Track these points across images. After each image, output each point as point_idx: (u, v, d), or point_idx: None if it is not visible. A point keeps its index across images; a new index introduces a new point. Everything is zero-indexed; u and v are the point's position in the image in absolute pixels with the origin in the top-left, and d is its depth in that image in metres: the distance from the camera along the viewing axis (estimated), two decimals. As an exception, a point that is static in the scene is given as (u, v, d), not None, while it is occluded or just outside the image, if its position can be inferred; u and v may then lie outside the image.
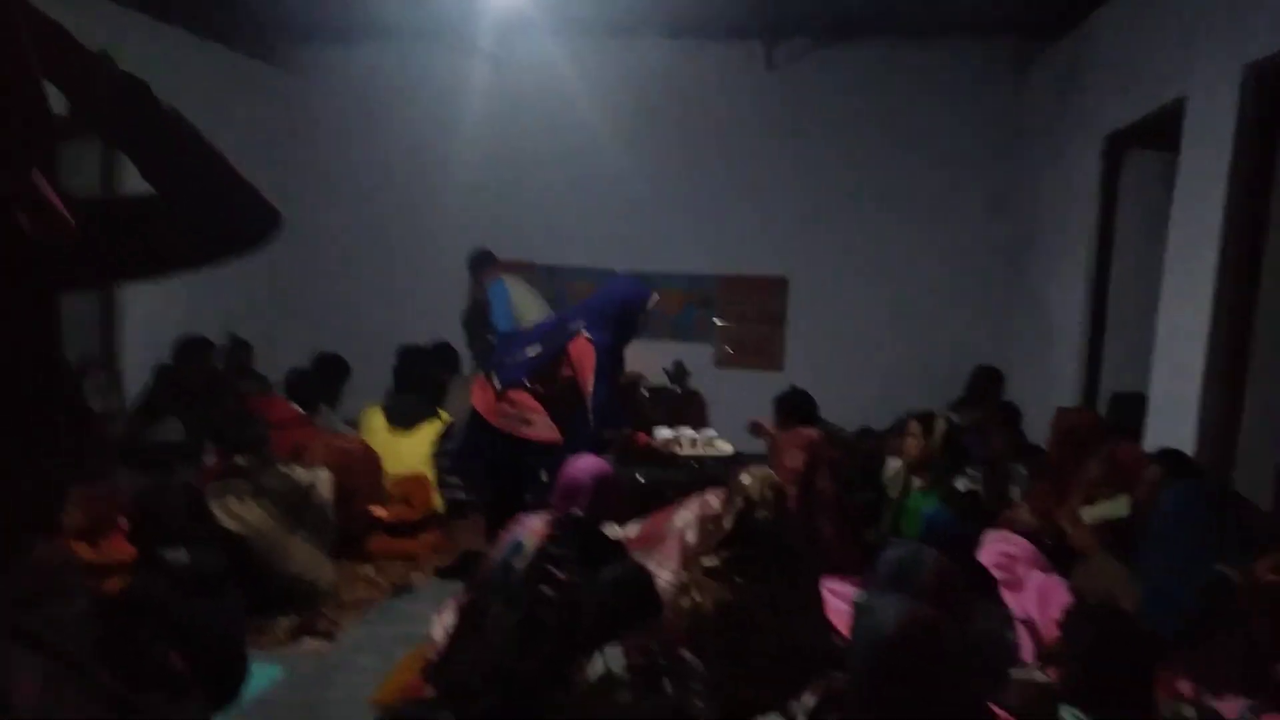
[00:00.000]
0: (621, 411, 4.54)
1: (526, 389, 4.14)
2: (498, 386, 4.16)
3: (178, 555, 2.97)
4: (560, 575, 2.87)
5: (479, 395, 4.25)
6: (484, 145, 7.36)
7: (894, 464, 4.46)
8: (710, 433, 5.20)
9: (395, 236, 7.61)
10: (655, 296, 4.38)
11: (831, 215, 7.24)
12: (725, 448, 4.98)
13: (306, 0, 6.51)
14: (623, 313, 4.24)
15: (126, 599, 2.89)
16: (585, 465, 3.22)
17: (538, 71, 7.27)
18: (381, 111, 7.55)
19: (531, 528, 3.00)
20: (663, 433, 4.96)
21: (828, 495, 3.98)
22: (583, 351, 4.06)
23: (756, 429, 4.72)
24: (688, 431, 5.08)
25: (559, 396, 4.13)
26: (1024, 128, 6.86)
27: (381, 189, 7.61)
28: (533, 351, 4.19)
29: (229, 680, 3.03)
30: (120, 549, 3.63)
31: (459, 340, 6.66)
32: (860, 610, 2.11)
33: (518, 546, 2.96)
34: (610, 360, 4.14)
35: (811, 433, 4.24)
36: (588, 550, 2.98)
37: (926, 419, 4.54)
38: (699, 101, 7.25)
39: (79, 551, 3.61)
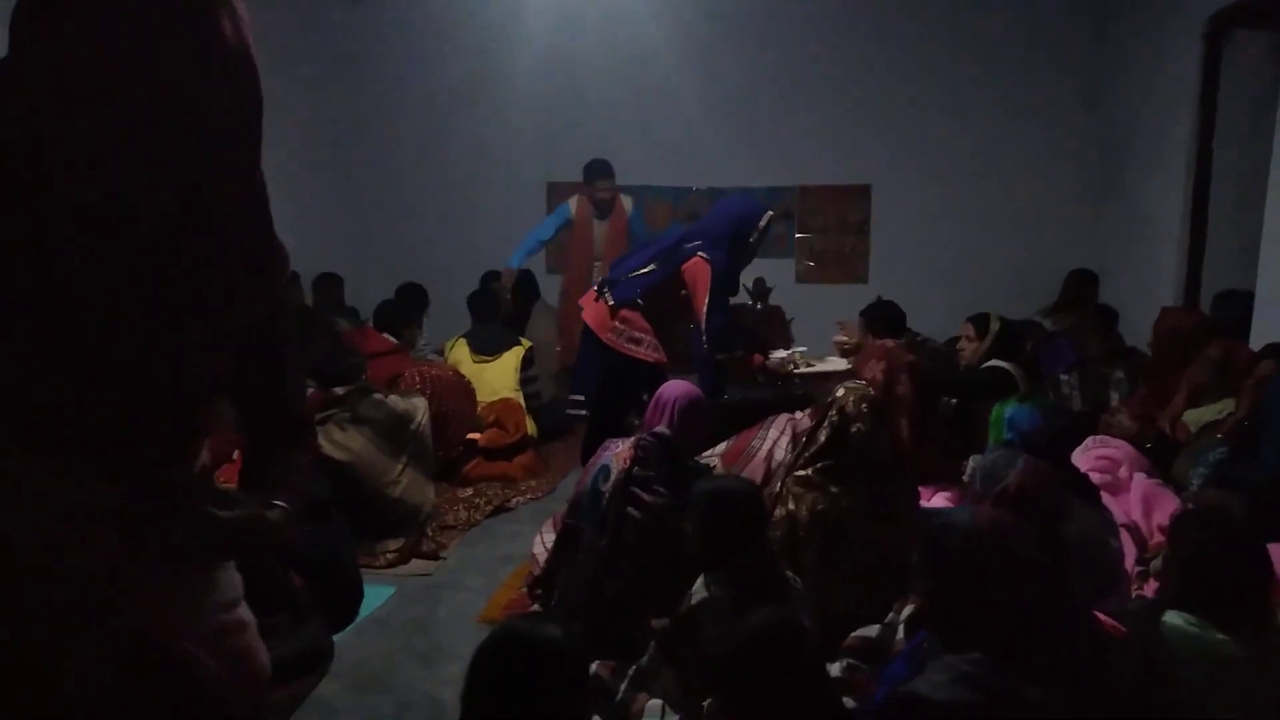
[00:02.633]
0: (735, 334, 4.52)
1: (639, 308, 4.16)
2: (610, 303, 4.19)
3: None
4: (646, 497, 2.92)
5: (590, 311, 4.29)
6: (550, 63, 7.24)
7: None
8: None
9: (466, 161, 7.58)
10: (770, 214, 4.32)
11: (913, 118, 7.00)
12: (840, 363, 4.94)
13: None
14: (737, 233, 4.20)
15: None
16: (674, 388, 3.22)
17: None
18: (446, 34, 7.46)
19: (617, 452, 3.04)
20: (778, 354, 4.94)
21: (906, 399, 3.93)
22: (698, 271, 4.05)
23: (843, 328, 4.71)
24: (801, 349, 5.06)
25: (671, 317, 4.15)
26: (1114, 13, 6.49)
27: (449, 114, 7.57)
28: (647, 270, 4.20)
29: (346, 601, 3.20)
30: (233, 478, 3.81)
31: (538, 267, 6.71)
32: (929, 521, 2.10)
33: (605, 471, 3.01)
34: (725, 282, 4.12)
35: (887, 342, 4.19)
36: (674, 471, 3.01)
37: (980, 320, 4.46)
38: (768, 6, 7.03)
39: (197, 483, 3.79)
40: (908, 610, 2.65)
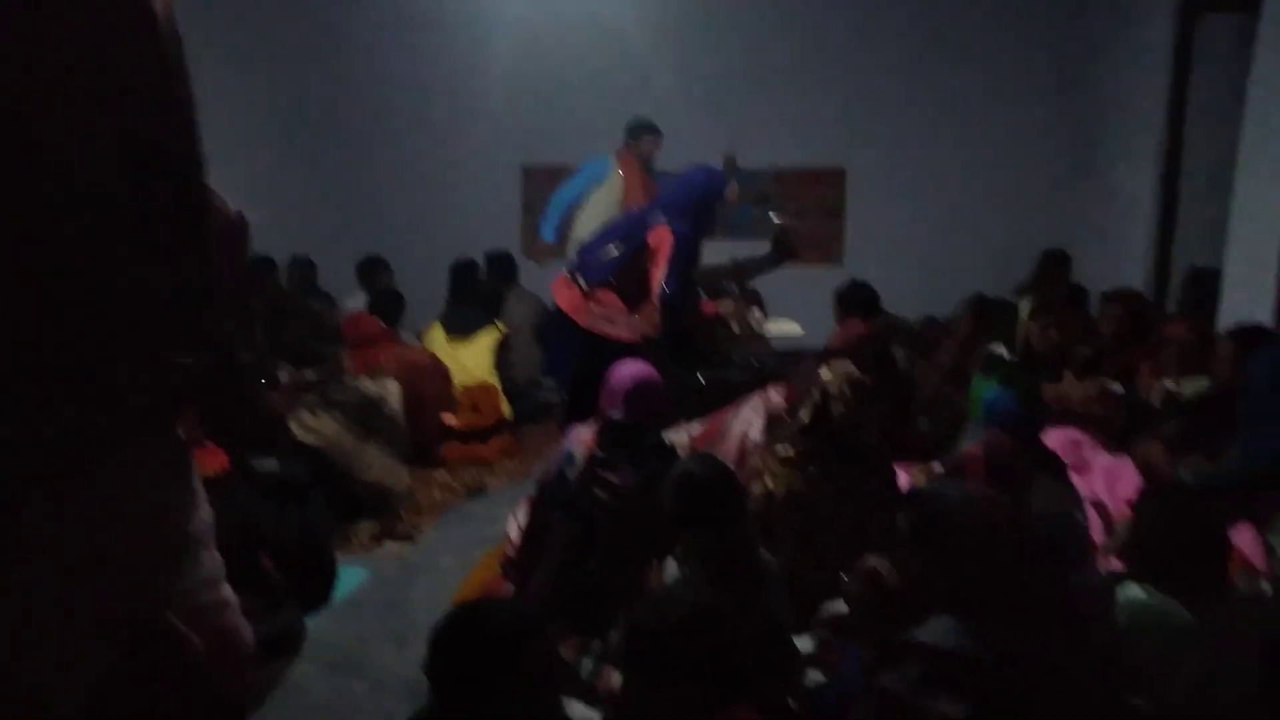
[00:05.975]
0: (691, 304, 4.50)
1: (612, 286, 4.16)
2: (584, 287, 4.18)
3: (268, 464, 3.11)
4: (613, 479, 2.93)
5: (563, 294, 4.28)
6: (524, 47, 7.15)
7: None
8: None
9: (441, 146, 7.49)
10: (734, 186, 4.34)
11: (887, 100, 7.01)
12: (792, 328, 4.96)
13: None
14: (700, 203, 4.22)
15: (220, 508, 3.04)
16: (624, 369, 3.21)
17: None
18: (421, 18, 7.37)
19: (580, 437, 3.05)
20: (755, 314, 4.95)
21: (877, 384, 3.94)
22: (661, 240, 4.06)
23: None
24: (757, 312, 5.09)
25: (644, 293, 4.14)
26: (1089, -3, 6.53)
27: (423, 98, 7.47)
28: (616, 250, 4.20)
29: (319, 583, 3.20)
30: (209, 462, 3.79)
31: (515, 248, 6.69)
32: (919, 499, 2.12)
33: (569, 457, 3.00)
34: (685, 251, 4.11)
35: (858, 324, 4.20)
36: (637, 453, 3.01)
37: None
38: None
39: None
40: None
